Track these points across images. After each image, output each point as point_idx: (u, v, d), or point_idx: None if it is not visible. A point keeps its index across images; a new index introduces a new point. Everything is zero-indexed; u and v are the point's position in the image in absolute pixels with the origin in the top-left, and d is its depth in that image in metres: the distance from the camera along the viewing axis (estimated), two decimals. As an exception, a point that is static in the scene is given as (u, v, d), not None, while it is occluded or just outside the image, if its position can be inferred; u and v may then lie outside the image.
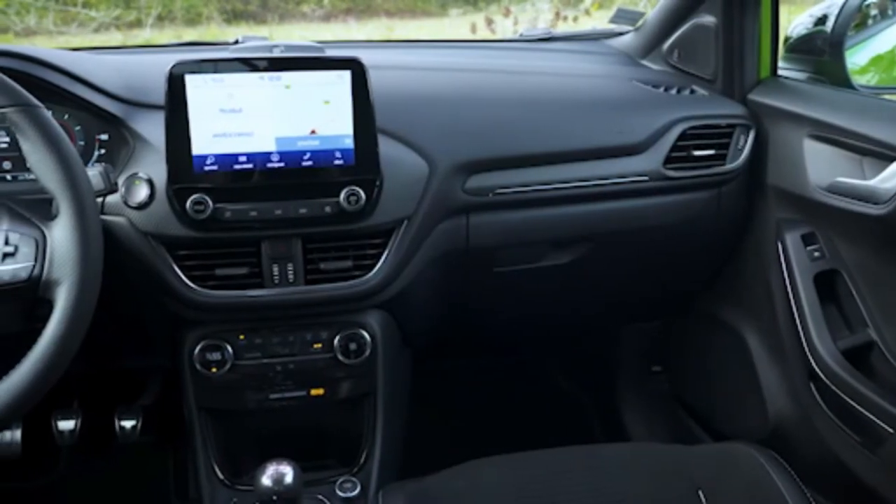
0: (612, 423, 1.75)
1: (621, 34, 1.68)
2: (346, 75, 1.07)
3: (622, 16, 1.65)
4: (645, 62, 1.57)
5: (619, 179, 1.28)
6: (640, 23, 1.62)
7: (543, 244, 1.31)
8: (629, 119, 1.31)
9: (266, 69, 1.06)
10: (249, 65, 1.06)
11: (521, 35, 1.72)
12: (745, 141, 1.34)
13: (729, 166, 1.34)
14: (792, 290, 1.29)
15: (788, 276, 1.29)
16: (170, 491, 1.59)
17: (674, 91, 1.41)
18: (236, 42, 1.40)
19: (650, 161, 1.30)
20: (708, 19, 1.41)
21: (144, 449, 1.61)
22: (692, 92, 1.42)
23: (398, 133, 1.17)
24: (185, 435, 1.26)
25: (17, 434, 1.55)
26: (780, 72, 1.43)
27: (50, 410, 1.38)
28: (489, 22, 4.27)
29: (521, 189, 1.23)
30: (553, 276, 1.36)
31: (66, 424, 1.53)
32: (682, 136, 1.31)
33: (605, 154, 1.29)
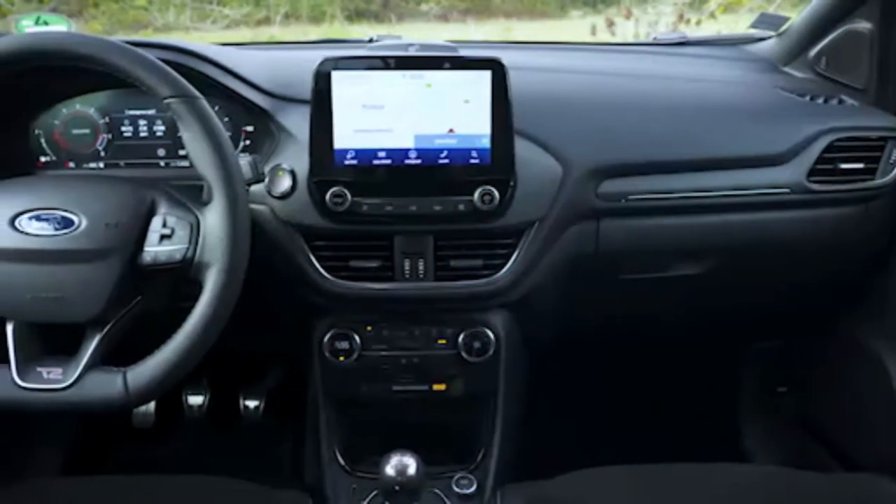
0: (729, 441, 1.69)
1: (761, 39, 1.62)
2: (486, 75, 1.08)
3: (765, 20, 1.58)
4: (788, 69, 1.51)
5: (757, 190, 1.24)
6: (783, 28, 1.55)
7: (673, 254, 1.28)
8: (771, 128, 1.26)
9: (408, 67, 1.08)
10: (392, 63, 1.09)
11: (654, 39, 1.69)
12: None
13: (879, 181, 1.26)
14: None
15: None
16: (286, 472, 1.64)
17: (820, 100, 1.34)
18: (371, 40, 1.44)
19: (792, 173, 1.24)
20: (863, 25, 1.34)
21: (265, 429, 1.68)
22: (840, 102, 1.34)
23: (534, 134, 1.16)
24: (308, 419, 1.31)
25: (152, 406, 1.66)
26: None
27: (181, 386, 1.46)
28: (610, 24, 4.20)
29: (655, 196, 1.21)
30: (680, 287, 1.32)
31: (196, 399, 1.63)
32: (829, 148, 1.24)
33: (743, 164, 1.24)
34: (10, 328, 0.92)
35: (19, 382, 0.90)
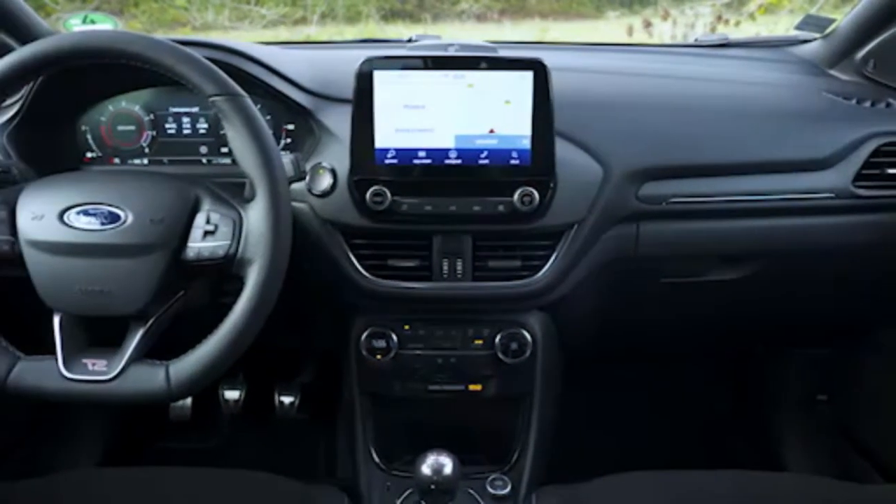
0: (765, 449, 1.66)
1: (806, 41, 1.59)
2: (528, 76, 1.08)
3: (810, 22, 1.55)
4: (833, 72, 1.48)
5: (801, 195, 1.22)
6: (829, 30, 1.52)
7: (713, 258, 1.26)
8: (816, 132, 1.24)
9: (450, 67, 1.08)
10: (434, 62, 1.09)
11: (696, 40, 1.67)
12: None
13: None
14: None
15: None
16: (319, 468, 1.66)
17: (867, 104, 1.31)
18: (410, 40, 1.44)
19: (838, 178, 1.22)
20: (913, 28, 1.31)
21: (299, 425, 1.70)
22: (888, 105, 1.32)
23: (574, 136, 1.16)
24: (343, 416, 1.31)
25: (188, 399, 1.68)
26: None
27: (218, 380, 1.48)
28: (647, 24, 4.15)
29: (697, 199, 1.19)
30: (719, 292, 1.30)
31: (232, 394, 1.64)
32: (876, 153, 1.22)
33: (787, 168, 1.22)
34: (56, 320, 0.94)
35: (66, 374, 0.92)
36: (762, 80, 1.40)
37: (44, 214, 0.94)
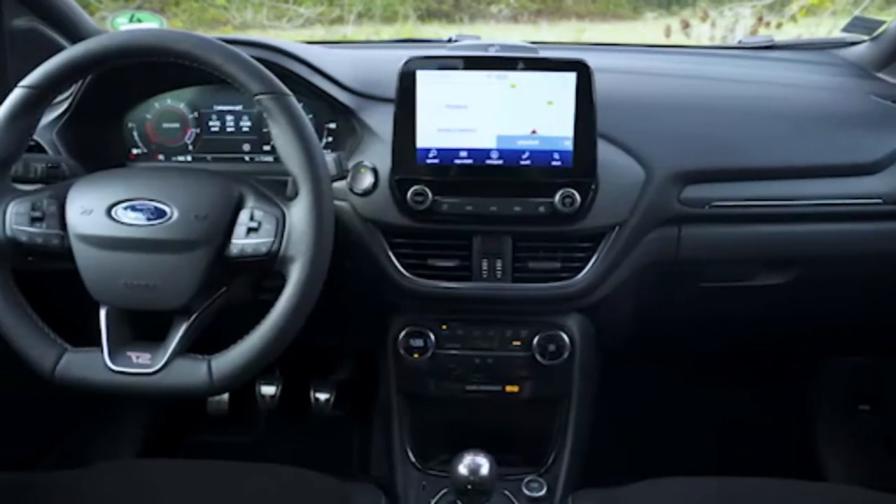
0: (804, 458, 1.64)
1: (853, 44, 1.56)
2: (571, 77, 1.07)
3: (858, 24, 1.52)
4: (882, 75, 1.44)
5: (848, 200, 1.19)
6: (877, 32, 1.49)
7: (756, 263, 1.25)
8: (863, 136, 1.22)
9: (493, 68, 1.08)
10: (477, 63, 1.09)
11: (740, 42, 1.64)
12: None
13: None
14: None
15: None
16: (353, 465, 1.67)
17: None
18: (450, 40, 1.44)
19: (886, 183, 1.19)
20: (967, 30, 1.28)
21: (333, 422, 1.71)
22: (939, 110, 1.29)
23: (616, 137, 1.15)
24: (379, 415, 1.32)
25: (226, 394, 1.70)
26: None
27: (255, 375, 1.49)
28: (685, 25, 4.11)
29: (740, 203, 1.18)
30: (761, 297, 1.28)
31: (269, 390, 1.66)
32: None
33: (833, 172, 1.20)
34: (102, 313, 0.96)
35: (111, 366, 0.93)
36: (808, 83, 1.38)
37: (93, 209, 0.96)
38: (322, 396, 1.67)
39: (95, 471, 1.06)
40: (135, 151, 1.26)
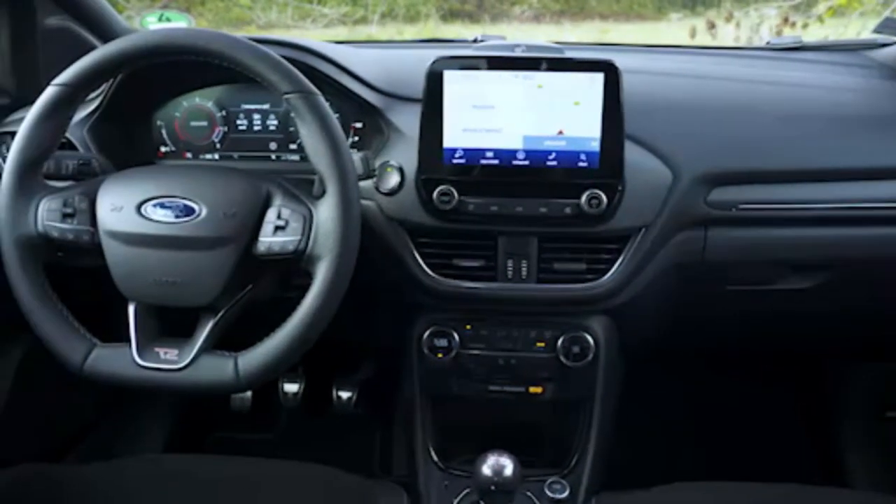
0: (828, 463, 1.62)
1: (885, 45, 1.53)
2: (598, 78, 1.07)
3: (889, 25, 1.50)
4: (914, 77, 1.43)
5: (880, 204, 1.18)
6: (910, 33, 1.47)
7: (783, 266, 1.23)
8: (894, 138, 1.20)
9: (519, 68, 1.08)
10: (504, 63, 1.08)
11: (768, 43, 1.62)
12: None
13: None
14: None
15: None
16: (375, 463, 1.67)
17: None
18: (475, 41, 1.44)
19: None
20: None
21: (356, 420, 1.71)
22: (973, 112, 1.27)
23: (643, 139, 1.14)
24: (401, 414, 1.32)
25: (249, 392, 1.72)
26: None
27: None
28: (711, 26, 4.08)
29: (768, 206, 1.16)
30: (788, 301, 1.27)
31: (291, 387, 1.67)
32: None
33: (863, 175, 1.19)
34: (131, 309, 0.97)
35: (139, 361, 0.94)
36: (838, 85, 1.36)
37: (123, 206, 0.97)
38: (344, 395, 1.68)
39: (119, 465, 1.07)
40: (163, 149, 1.28)
